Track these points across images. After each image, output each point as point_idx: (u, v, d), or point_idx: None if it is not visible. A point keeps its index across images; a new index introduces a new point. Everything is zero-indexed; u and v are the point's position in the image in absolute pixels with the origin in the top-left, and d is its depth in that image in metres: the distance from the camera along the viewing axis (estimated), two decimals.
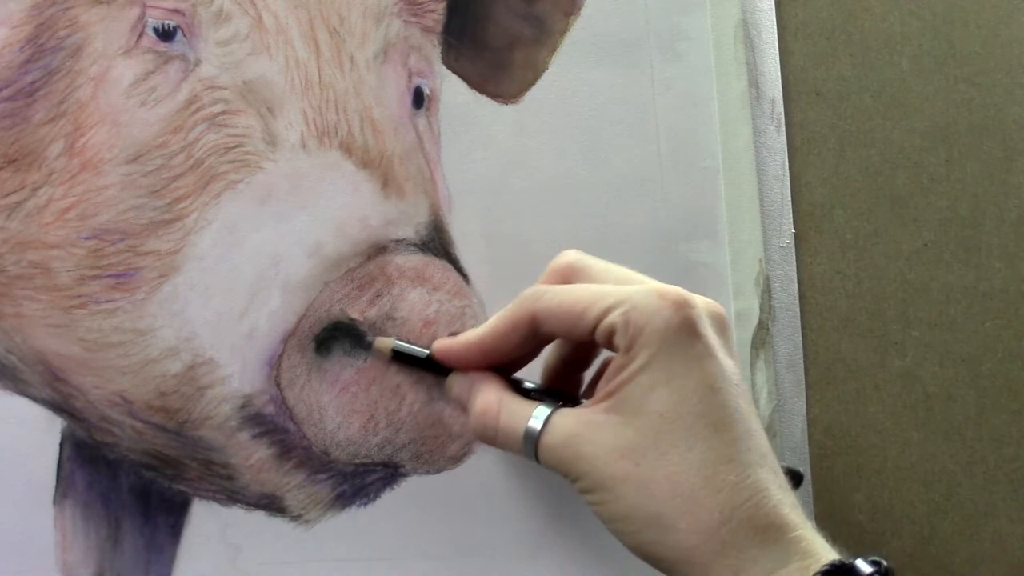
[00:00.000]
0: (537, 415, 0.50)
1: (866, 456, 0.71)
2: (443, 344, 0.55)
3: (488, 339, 0.53)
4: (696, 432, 0.46)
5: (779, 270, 0.69)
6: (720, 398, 0.47)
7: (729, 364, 0.49)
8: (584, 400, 0.52)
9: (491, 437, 0.53)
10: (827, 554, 0.46)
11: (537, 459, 0.51)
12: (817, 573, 0.44)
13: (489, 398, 0.52)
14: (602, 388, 0.50)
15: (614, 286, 0.51)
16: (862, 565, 0.45)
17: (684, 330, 0.48)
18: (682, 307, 0.48)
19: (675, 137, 0.67)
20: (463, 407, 0.55)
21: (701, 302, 0.50)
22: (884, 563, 0.45)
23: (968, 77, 0.72)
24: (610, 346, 0.50)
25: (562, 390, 0.56)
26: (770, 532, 0.46)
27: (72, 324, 0.58)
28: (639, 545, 0.48)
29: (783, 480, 0.48)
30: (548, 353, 0.58)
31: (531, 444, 0.50)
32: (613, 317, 0.48)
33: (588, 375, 0.59)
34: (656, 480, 0.46)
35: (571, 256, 0.55)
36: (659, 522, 0.46)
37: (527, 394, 0.54)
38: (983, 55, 0.72)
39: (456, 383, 0.55)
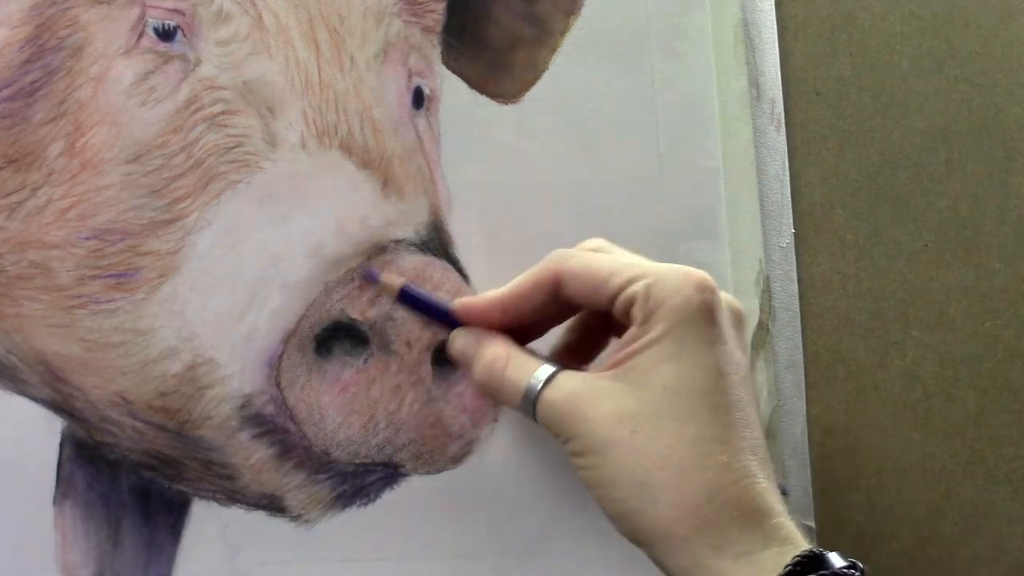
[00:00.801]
0: (541, 372, 0.51)
1: (866, 456, 0.71)
2: (464, 300, 0.56)
3: (510, 297, 0.54)
4: (696, 410, 0.47)
5: (779, 270, 0.69)
6: (724, 383, 0.48)
7: (738, 354, 0.50)
8: None
9: (495, 387, 0.53)
10: (805, 544, 0.47)
11: (534, 415, 0.51)
12: (795, 557, 0.45)
13: (498, 350, 0.53)
14: (611, 356, 0.51)
15: (642, 260, 0.52)
16: (836, 558, 0.45)
17: (702, 312, 0.49)
18: (704, 290, 0.49)
19: (675, 137, 0.67)
20: (466, 361, 0.55)
21: (723, 293, 0.51)
22: (860, 564, 0.46)
23: (968, 77, 0.72)
24: (626, 317, 0.50)
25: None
26: (753, 516, 0.46)
27: (72, 324, 0.58)
28: (621, 515, 0.48)
29: (770, 472, 0.49)
30: (555, 336, 0.58)
31: (531, 398, 0.51)
32: (636, 287, 0.49)
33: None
34: (649, 450, 0.47)
35: (599, 241, 0.56)
36: (645, 491, 0.47)
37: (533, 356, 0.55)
38: (983, 55, 0.72)
39: (461, 336, 0.56)
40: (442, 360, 0.60)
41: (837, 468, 0.70)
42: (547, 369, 0.52)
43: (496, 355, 0.54)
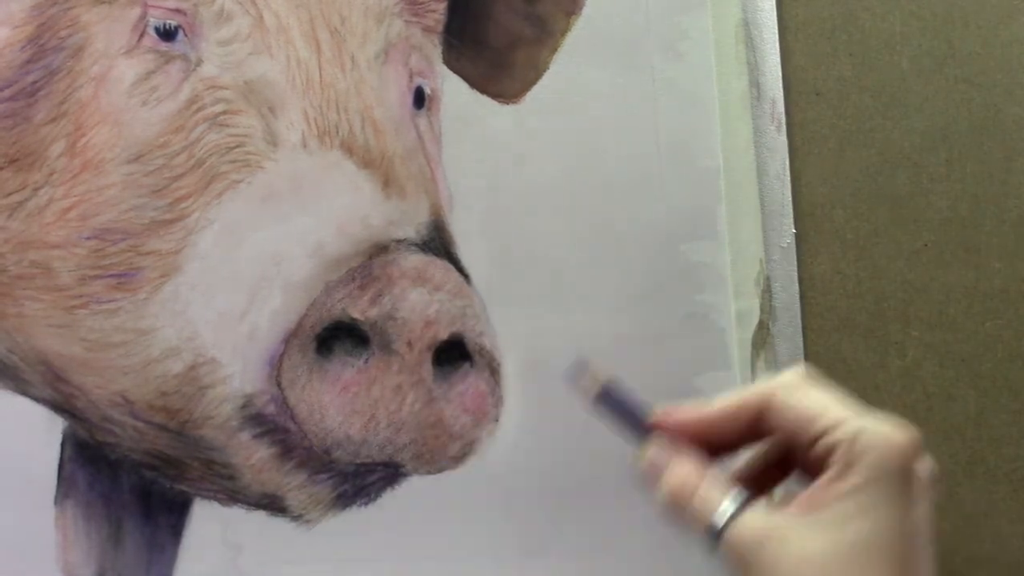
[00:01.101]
0: (728, 505, 0.50)
1: None
2: (667, 412, 0.53)
3: (715, 415, 0.52)
4: (884, 568, 0.47)
5: (779, 270, 0.70)
6: (915, 544, 0.48)
7: (929, 513, 0.50)
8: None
9: (680, 511, 0.51)
10: None
11: (716, 546, 0.50)
12: None
13: (689, 470, 0.52)
14: (804, 496, 0.50)
15: (848, 404, 0.50)
16: None
17: (905, 470, 0.49)
18: (911, 447, 0.49)
19: (675, 137, 0.67)
20: (654, 475, 0.52)
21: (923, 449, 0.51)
22: None
23: (968, 77, 0.72)
24: (824, 459, 0.49)
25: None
26: None
27: (74, 324, 0.58)
28: None
29: None
30: (739, 463, 0.57)
31: (715, 532, 0.50)
32: (842, 433, 0.48)
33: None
34: None
35: (802, 371, 0.53)
36: None
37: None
38: (983, 55, 0.73)
39: (655, 448, 0.53)
40: (443, 360, 0.60)
41: None
42: (734, 500, 0.50)
43: (686, 478, 0.52)
